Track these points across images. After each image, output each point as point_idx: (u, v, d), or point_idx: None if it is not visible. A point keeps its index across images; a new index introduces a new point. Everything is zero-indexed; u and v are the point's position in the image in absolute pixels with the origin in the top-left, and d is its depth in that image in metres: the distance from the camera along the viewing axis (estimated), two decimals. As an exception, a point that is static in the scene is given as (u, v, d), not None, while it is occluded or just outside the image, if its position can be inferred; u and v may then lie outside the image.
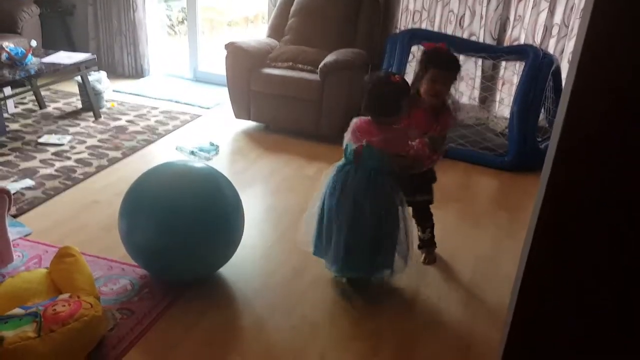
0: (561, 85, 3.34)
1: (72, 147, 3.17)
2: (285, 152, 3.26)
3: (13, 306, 1.59)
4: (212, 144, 3.26)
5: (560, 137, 0.90)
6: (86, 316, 1.57)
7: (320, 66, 3.23)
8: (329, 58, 3.24)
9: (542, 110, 3.21)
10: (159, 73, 4.64)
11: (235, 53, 3.41)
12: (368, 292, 2.03)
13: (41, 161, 2.98)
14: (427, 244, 2.21)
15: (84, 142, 3.26)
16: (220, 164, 3.06)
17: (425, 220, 2.18)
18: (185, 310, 1.89)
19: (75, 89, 3.89)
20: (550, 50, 3.35)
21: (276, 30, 3.72)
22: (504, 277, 2.13)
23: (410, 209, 1.94)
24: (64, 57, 3.48)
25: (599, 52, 0.85)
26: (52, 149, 3.13)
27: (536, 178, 3.04)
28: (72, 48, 4.49)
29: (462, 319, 1.92)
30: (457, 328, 1.87)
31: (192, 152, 3.16)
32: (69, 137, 3.29)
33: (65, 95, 4.05)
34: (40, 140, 3.23)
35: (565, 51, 3.36)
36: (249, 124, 3.63)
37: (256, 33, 5.28)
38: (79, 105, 3.81)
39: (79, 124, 3.52)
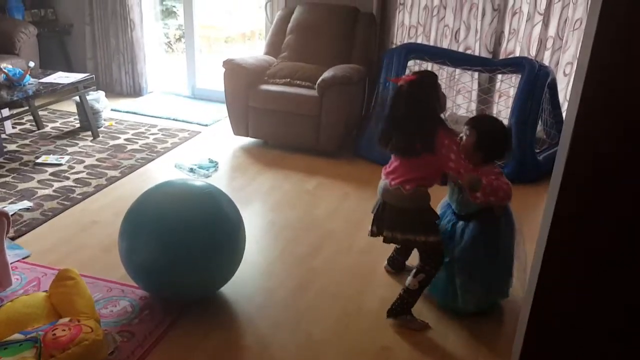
0: (557, 96, 3.37)
1: (71, 167, 3.16)
2: (285, 168, 3.26)
3: (13, 331, 1.56)
4: (211, 161, 3.26)
5: (567, 160, 0.90)
6: (87, 340, 1.55)
7: (318, 82, 3.25)
8: (327, 74, 3.26)
9: (539, 121, 3.23)
10: (157, 91, 4.65)
11: (233, 70, 3.43)
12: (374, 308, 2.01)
13: (39, 182, 2.96)
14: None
15: (83, 161, 3.25)
16: (220, 180, 3.06)
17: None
18: (187, 331, 1.86)
19: (73, 108, 3.89)
20: (546, 62, 3.39)
21: (273, 47, 3.75)
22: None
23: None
24: (62, 77, 3.49)
25: (606, 61, 0.85)
26: (50, 170, 3.12)
27: (536, 189, 3.06)
28: (70, 68, 4.51)
29: (469, 333, 1.89)
30: (464, 342, 1.85)
31: (191, 170, 3.16)
32: (67, 157, 3.28)
33: (63, 115, 4.05)
34: (38, 160, 3.22)
35: (560, 63, 3.39)
36: (248, 140, 3.63)
37: (254, 49, 5.32)
38: (77, 124, 3.81)
39: (77, 144, 3.52)
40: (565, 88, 3.43)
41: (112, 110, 4.12)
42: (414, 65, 3.57)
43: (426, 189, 1.84)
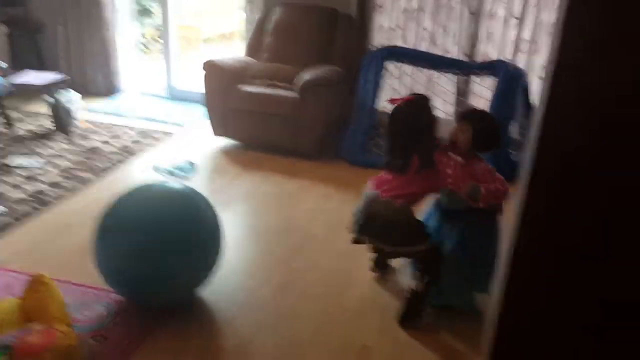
0: (530, 99, 3.45)
1: (44, 170, 3.08)
2: (264, 170, 3.25)
3: (-18, 339, 1.51)
4: (189, 163, 3.22)
5: (537, 155, 0.92)
6: (60, 346, 1.51)
7: (299, 83, 3.25)
8: (307, 75, 3.26)
9: (514, 123, 3.30)
10: (134, 91, 4.57)
11: (213, 71, 3.40)
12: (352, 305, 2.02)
13: (11, 185, 2.87)
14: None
15: (56, 164, 3.17)
16: (199, 182, 3.02)
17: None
18: (166, 335, 1.83)
19: (46, 109, 3.79)
20: (521, 65, 3.46)
21: (254, 48, 3.74)
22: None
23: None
24: (34, 78, 3.41)
25: (572, 67, 0.87)
26: (23, 172, 3.03)
27: (511, 190, 3.12)
28: (43, 67, 4.39)
29: (450, 330, 1.92)
30: (445, 339, 1.88)
31: (169, 172, 3.12)
32: (40, 160, 3.19)
33: (35, 116, 3.94)
34: (10, 163, 3.13)
35: (534, 66, 3.48)
36: (227, 141, 3.60)
37: (235, 50, 5.29)
38: (50, 126, 3.72)
39: (50, 146, 3.43)
40: (540, 91, 3.52)
41: (87, 111, 4.03)
42: (394, 68, 3.61)
43: (414, 203, 1.88)
